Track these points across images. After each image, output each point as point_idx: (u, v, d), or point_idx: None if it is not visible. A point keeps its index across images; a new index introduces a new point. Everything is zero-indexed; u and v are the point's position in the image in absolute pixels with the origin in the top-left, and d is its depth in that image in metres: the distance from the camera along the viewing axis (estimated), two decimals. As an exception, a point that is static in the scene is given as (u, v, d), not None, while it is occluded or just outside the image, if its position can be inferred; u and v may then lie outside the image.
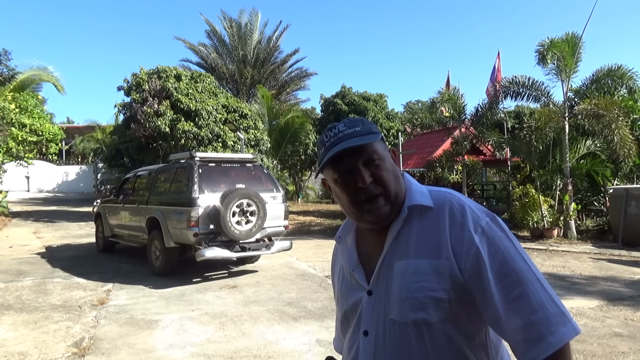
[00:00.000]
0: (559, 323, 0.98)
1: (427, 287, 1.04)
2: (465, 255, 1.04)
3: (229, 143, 14.57)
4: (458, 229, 1.06)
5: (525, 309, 0.98)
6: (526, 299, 0.99)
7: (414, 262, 1.07)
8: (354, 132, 1.09)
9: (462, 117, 13.68)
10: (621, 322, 5.05)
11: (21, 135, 15.04)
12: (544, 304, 0.99)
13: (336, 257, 1.34)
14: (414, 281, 1.05)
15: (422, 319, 1.04)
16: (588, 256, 9.11)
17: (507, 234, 1.08)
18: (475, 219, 1.07)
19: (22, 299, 6.21)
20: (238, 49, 24.61)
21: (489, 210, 1.12)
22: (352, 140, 1.07)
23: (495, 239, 1.05)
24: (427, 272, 1.05)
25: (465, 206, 1.09)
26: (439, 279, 1.04)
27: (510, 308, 0.99)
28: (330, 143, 1.10)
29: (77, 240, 11.90)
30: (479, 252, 1.03)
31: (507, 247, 1.05)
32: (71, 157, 35.86)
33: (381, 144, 1.12)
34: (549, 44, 11.02)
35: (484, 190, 17.74)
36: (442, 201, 1.11)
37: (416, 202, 1.11)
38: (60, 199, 26.21)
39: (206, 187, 7.14)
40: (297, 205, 22.27)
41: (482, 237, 1.05)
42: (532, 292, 0.99)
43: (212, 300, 6.23)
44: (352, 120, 1.13)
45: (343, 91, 23.22)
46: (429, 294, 1.04)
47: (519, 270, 1.02)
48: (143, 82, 14.88)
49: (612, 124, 10.41)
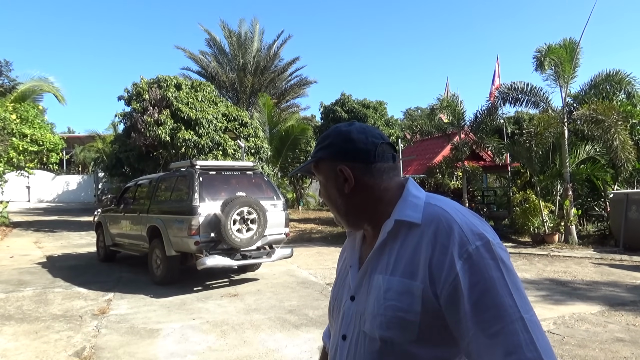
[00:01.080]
0: None
1: (397, 306, 1.00)
2: (443, 282, 0.96)
3: (230, 151, 14.60)
4: (440, 252, 0.97)
5: (499, 349, 0.89)
6: (503, 338, 0.89)
7: (389, 279, 1.03)
8: (314, 148, 1.17)
9: (462, 123, 13.71)
10: (623, 327, 5.04)
11: (22, 145, 15.09)
12: (520, 347, 0.88)
13: (345, 250, 1.34)
14: (387, 298, 1.01)
15: (388, 337, 1.01)
16: (589, 261, 9.09)
17: (499, 263, 0.95)
18: (463, 242, 0.96)
19: (23, 309, 6.21)
20: (238, 58, 24.73)
21: (487, 234, 0.99)
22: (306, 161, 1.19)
23: (481, 267, 0.94)
24: (400, 291, 1.00)
25: (453, 227, 0.99)
26: (410, 301, 0.98)
27: (487, 344, 0.91)
28: None
29: (78, 249, 11.90)
30: (458, 279, 0.94)
31: (492, 277, 0.93)
32: (72, 166, 35.93)
33: (324, 165, 1.15)
34: (547, 50, 11.08)
35: (485, 196, 17.72)
36: (431, 219, 1.02)
37: (404, 218, 1.05)
38: (61, 208, 26.23)
39: (207, 196, 7.16)
40: (297, 213, 22.26)
41: (466, 264, 0.94)
42: (510, 332, 0.89)
43: (213, 308, 6.22)
44: (324, 134, 1.18)
45: (343, 99, 23.33)
46: (398, 314, 0.99)
47: (501, 306, 0.91)
48: (143, 91, 14.95)
49: (612, 129, 10.43)
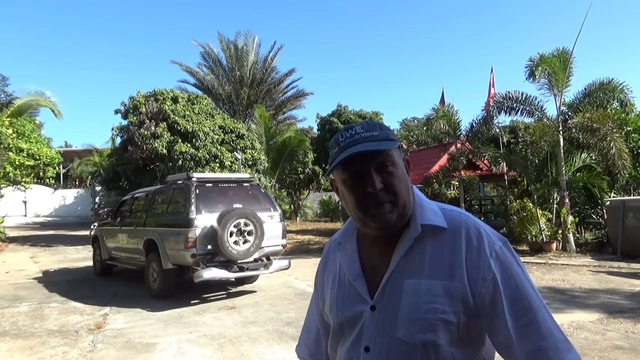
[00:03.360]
0: (566, 350, 1.00)
1: (439, 309, 1.03)
2: (481, 280, 1.04)
3: (227, 163, 14.60)
4: (474, 253, 1.05)
5: (535, 336, 1.00)
6: (536, 325, 1.01)
7: (427, 283, 1.05)
8: (371, 136, 1.06)
9: (458, 133, 13.78)
10: (622, 335, 5.02)
11: (18, 160, 15.06)
12: (552, 331, 1.01)
13: (329, 260, 1.30)
14: (426, 302, 1.03)
15: (430, 340, 1.02)
16: (587, 269, 9.08)
17: (517, 259, 1.09)
18: (491, 243, 1.07)
19: (18, 325, 6.15)
20: (235, 70, 24.84)
21: (500, 234, 1.12)
22: (368, 144, 1.05)
23: (508, 265, 1.06)
24: (440, 293, 1.04)
25: (481, 230, 1.09)
26: (450, 302, 1.03)
27: (521, 333, 1.01)
28: (346, 144, 1.07)
29: (74, 264, 11.82)
30: (495, 277, 1.03)
31: (518, 273, 1.06)
32: (69, 180, 35.87)
33: (397, 151, 1.10)
34: (539, 59, 11.18)
35: (482, 205, 17.75)
36: (458, 222, 1.10)
37: (430, 222, 1.09)
38: (57, 223, 26.12)
39: (203, 208, 7.14)
40: (295, 224, 22.23)
41: (497, 262, 1.05)
42: (541, 319, 1.01)
43: (211, 321, 6.18)
44: (370, 123, 1.10)
45: (339, 110, 23.38)
46: (440, 316, 1.03)
47: (529, 297, 1.03)
48: (140, 104, 14.97)
49: (608, 137, 10.49)
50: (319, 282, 1.33)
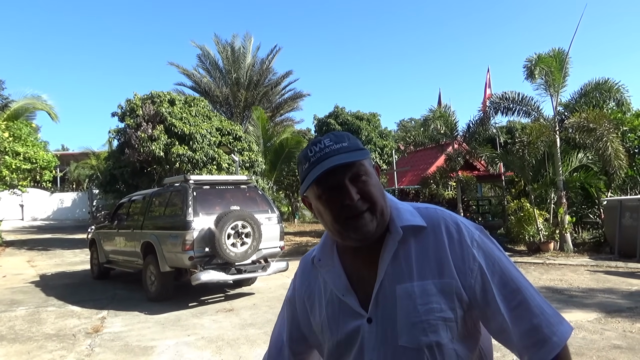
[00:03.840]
0: (558, 323, 1.03)
1: (436, 308, 1.03)
2: (469, 271, 1.05)
3: (224, 165, 14.58)
4: (457, 246, 1.06)
5: (527, 315, 1.02)
6: (526, 305, 1.03)
7: (419, 284, 1.04)
8: (342, 147, 1.04)
9: (455, 134, 13.80)
10: (620, 334, 5.03)
11: (15, 164, 15.01)
12: (542, 308, 1.03)
13: (308, 277, 1.24)
14: (422, 304, 1.03)
15: (434, 341, 1.02)
16: (585, 268, 9.10)
17: (496, 245, 1.11)
18: (470, 233, 1.09)
19: (15, 329, 6.12)
20: (232, 73, 24.83)
21: (476, 224, 1.14)
22: (341, 157, 1.02)
23: (490, 251, 1.08)
24: (433, 293, 1.03)
25: (459, 222, 1.10)
26: (445, 299, 1.03)
27: (514, 315, 1.02)
28: (316, 159, 1.03)
29: (71, 267, 11.79)
30: (482, 266, 1.05)
31: (500, 257, 1.08)
32: (66, 184, 35.76)
33: (368, 160, 1.08)
34: (537, 59, 11.21)
35: (479, 206, 17.78)
36: (436, 219, 1.10)
37: (409, 223, 1.08)
38: (55, 226, 26.04)
39: (201, 210, 7.13)
40: (293, 226, 22.21)
41: (479, 251, 1.06)
42: (530, 298, 1.03)
43: (209, 324, 6.16)
44: (337, 134, 1.08)
45: (336, 111, 23.39)
46: (439, 315, 1.03)
47: (515, 279, 1.05)
48: (137, 107, 14.95)
49: (604, 137, 10.52)
50: (298, 302, 1.26)
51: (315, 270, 1.21)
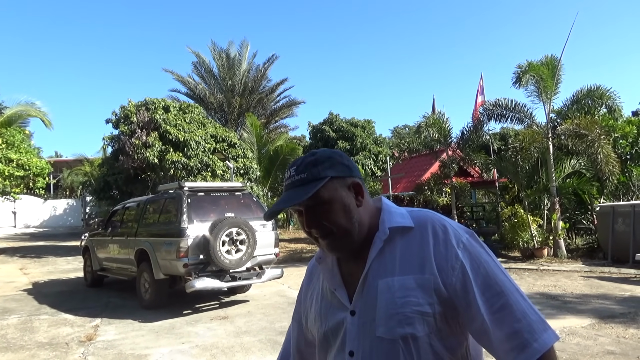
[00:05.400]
0: (541, 330, 1.03)
1: (413, 301, 1.06)
2: (450, 270, 1.07)
3: (218, 172, 14.56)
4: (441, 245, 1.10)
5: (509, 319, 1.03)
6: (509, 309, 1.04)
7: (399, 279, 1.09)
8: (300, 179, 1.12)
9: (449, 140, 13.86)
10: (613, 340, 5.06)
11: (8, 171, 14.93)
12: (526, 313, 1.03)
13: (312, 276, 1.34)
14: (400, 297, 1.07)
15: (409, 333, 1.06)
16: (579, 274, 9.14)
17: (485, 249, 1.13)
18: (457, 235, 1.12)
19: (7, 338, 6.06)
20: (226, 79, 24.88)
21: (466, 228, 1.17)
22: (292, 193, 1.12)
23: (476, 254, 1.10)
24: (412, 287, 1.07)
25: (446, 224, 1.14)
26: (423, 294, 1.07)
27: (495, 319, 1.04)
28: (284, 186, 1.17)
29: (64, 275, 11.70)
30: (464, 266, 1.07)
31: (487, 261, 1.10)
32: (59, 190, 35.55)
33: (330, 185, 1.12)
34: (527, 67, 11.31)
35: (474, 212, 17.83)
36: (424, 220, 1.15)
37: (397, 224, 1.14)
38: (48, 233, 25.85)
39: (195, 217, 7.11)
40: (288, 233, 22.18)
41: (465, 252, 1.09)
42: (514, 302, 1.04)
43: (203, 332, 6.13)
44: (302, 164, 1.14)
45: (331, 118, 23.46)
46: (415, 309, 1.06)
47: (500, 283, 1.07)
48: (131, 114, 14.93)
49: (595, 143, 10.62)
50: (302, 300, 1.36)
51: (317, 270, 1.31)
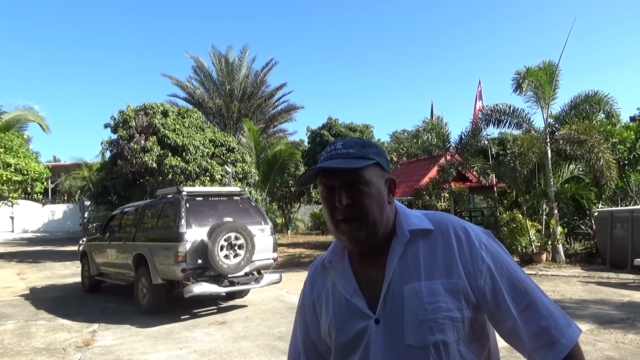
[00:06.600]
0: (566, 325, 1.03)
1: (443, 307, 1.04)
2: (478, 273, 1.06)
3: (217, 177, 14.55)
4: (466, 248, 1.08)
5: (536, 317, 1.03)
6: (535, 307, 1.04)
7: (427, 284, 1.06)
8: (347, 153, 1.10)
9: (447, 145, 13.90)
10: (612, 345, 5.05)
11: (6, 175, 14.89)
12: (550, 310, 1.04)
13: (316, 283, 1.27)
14: (429, 302, 1.04)
15: (440, 340, 1.03)
16: (577, 279, 9.14)
17: (503, 248, 1.13)
18: (478, 237, 1.11)
19: (4, 344, 6.03)
20: (225, 84, 24.90)
21: (482, 228, 1.17)
22: (340, 161, 1.08)
23: (498, 254, 1.09)
24: (441, 292, 1.05)
25: (466, 226, 1.13)
26: (452, 299, 1.05)
27: (522, 317, 1.03)
28: (324, 158, 1.12)
29: (62, 280, 11.65)
30: (490, 268, 1.06)
31: (507, 260, 1.10)
32: (57, 195, 35.48)
33: (374, 170, 1.10)
34: (525, 72, 11.36)
35: (472, 217, 17.85)
36: (444, 223, 1.13)
37: (416, 226, 1.11)
38: (46, 238, 25.76)
39: (194, 222, 7.10)
40: (286, 237, 22.16)
41: (487, 254, 1.08)
42: (538, 300, 1.05)
43: (201, 337, 6.11)
44: (351, 141, 1.13)
45: (329, 123, 23.48)
46: (446, 314, 1.04)
47: (522, 281, 1.07)
48: (130, 118, 14.92)
49: (595, 149, 10.64)
50: (307, 309, 1.28)
51: (324, 274, 1.25)
